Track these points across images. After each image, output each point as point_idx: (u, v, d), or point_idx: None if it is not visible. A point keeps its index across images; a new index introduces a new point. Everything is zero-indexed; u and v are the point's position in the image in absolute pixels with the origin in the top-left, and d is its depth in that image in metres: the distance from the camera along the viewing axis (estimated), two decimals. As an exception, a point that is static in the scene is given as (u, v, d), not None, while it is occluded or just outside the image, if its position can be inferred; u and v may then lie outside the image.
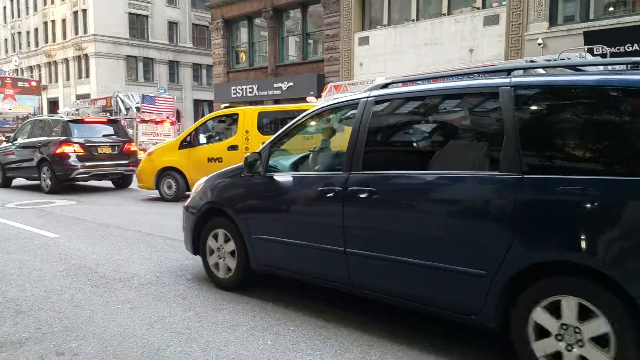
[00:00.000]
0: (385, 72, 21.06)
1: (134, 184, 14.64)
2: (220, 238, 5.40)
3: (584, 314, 2.98)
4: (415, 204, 3.72)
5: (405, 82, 4.50)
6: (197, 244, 5.69)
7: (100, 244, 7.80)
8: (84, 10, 47.06)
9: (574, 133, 3.21)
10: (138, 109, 27.04)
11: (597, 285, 2.90)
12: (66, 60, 50.39)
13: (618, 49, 16.41)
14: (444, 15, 22.97)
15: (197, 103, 51.38)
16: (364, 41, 25.66)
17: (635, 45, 16.71)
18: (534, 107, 3.37)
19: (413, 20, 24.08)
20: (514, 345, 3.34)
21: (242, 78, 32.00)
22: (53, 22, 51.80)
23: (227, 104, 19.47)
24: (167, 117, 27.38)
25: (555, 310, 3.07)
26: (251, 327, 4.43)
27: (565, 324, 3.03)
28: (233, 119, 12.35)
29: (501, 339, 3.61)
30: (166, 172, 12.72)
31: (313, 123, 4.98)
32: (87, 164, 14.37)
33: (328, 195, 4.19)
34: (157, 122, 26.50)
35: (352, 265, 4.12)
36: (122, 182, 16.01)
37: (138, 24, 48.58)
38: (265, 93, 29.78)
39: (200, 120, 13.03)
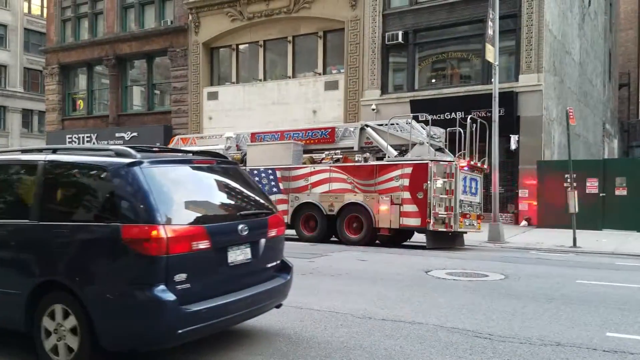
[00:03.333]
0: (235, 127, 21.38)
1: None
2: None
3: (66, 316, 4.04)
4: None
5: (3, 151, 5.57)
6: None
7: None
8: None
9: (67, 193, 4.48)
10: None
11: (70, 295, 3.99)
12: None
13: (439, 117, 18.63)
14: (289, 77, 24.26)
15: (26, 151, 46.85)
16: (213, 96, 25.93)
17: (453, 113, 19.11)
18: (54, 177, 4.47)
19: (261, 80, 25.02)
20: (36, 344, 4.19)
21: (80, 126, 30.13)
22: None
23: None
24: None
25: (53, 315, 4.11)
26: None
27: (58, 323, 4.06)
28: None
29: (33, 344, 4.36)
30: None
31: None
32: None
33: None
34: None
35: None
36: None
37: (-43, 63, 43.58)
38: (106, 142, 28.28)
39: None
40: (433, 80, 22.27)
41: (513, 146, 18.83)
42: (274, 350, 4.54)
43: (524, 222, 19.33)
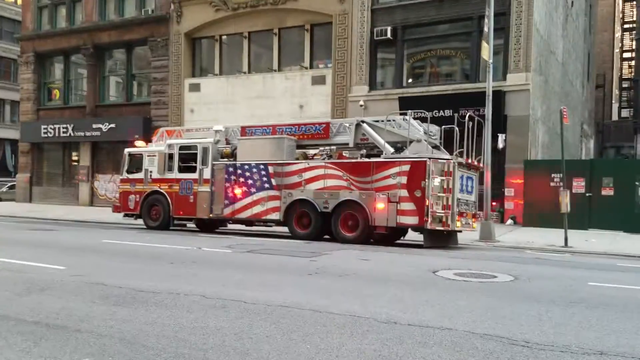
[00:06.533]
0: (218, 121, 20.91)
1: None
2: None
3: None
4: None
5: None
6: None
7: None
8: None
9: None
10: None
11: None
12: None
13: (427, 114, 18.44)
14: (275, 71, 23.86)
15: (-3, 142, 45.33)
16: (195, 88, 25.35)
17: (441, 111, 19.05)
18: None
19: (245, 73, 24.56)
20: None
21: (55, 117, 29.18)
22: None
23: None
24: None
25: None
26: None
27: None
28: None
29: None
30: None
31: None
32: None
33: None
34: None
35: None
36: None
37: None
38: (82, 134, 27.50)
39: None
40: (421, 78, 22.15)
41: (501, 145, 18.86)
42: (307, 360, 4.24)
43: (509, 221, 19.40)
